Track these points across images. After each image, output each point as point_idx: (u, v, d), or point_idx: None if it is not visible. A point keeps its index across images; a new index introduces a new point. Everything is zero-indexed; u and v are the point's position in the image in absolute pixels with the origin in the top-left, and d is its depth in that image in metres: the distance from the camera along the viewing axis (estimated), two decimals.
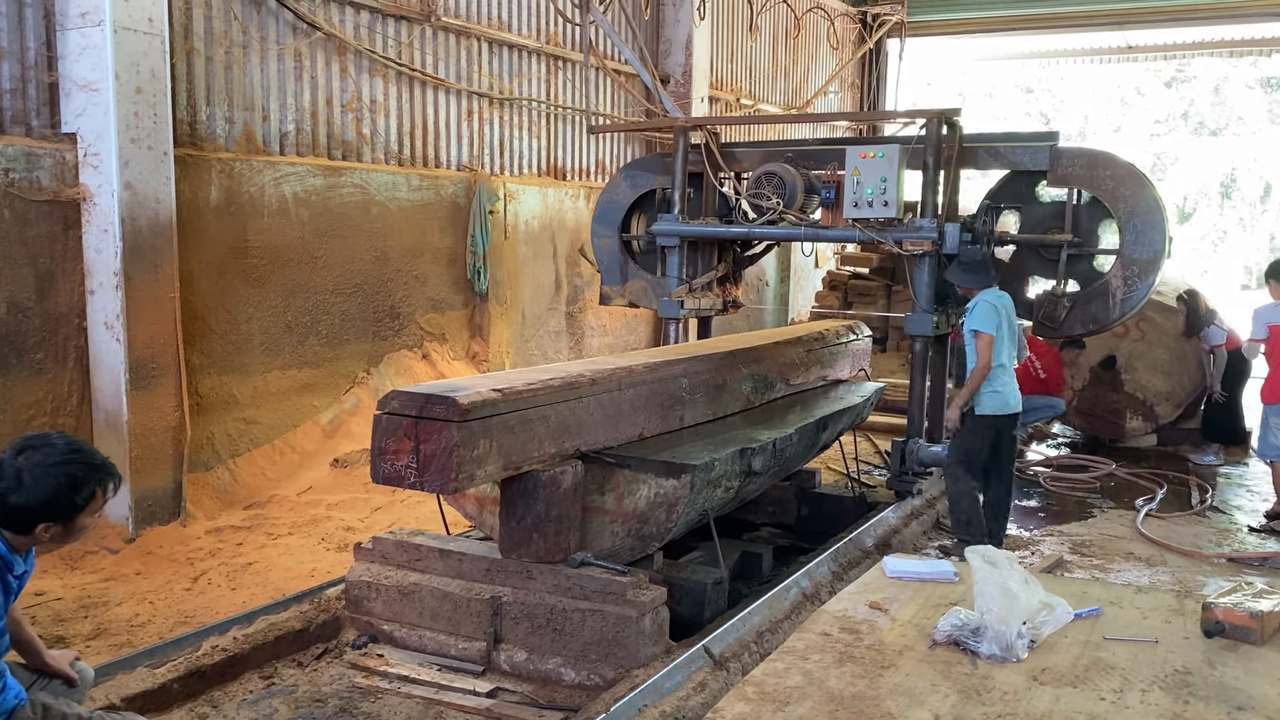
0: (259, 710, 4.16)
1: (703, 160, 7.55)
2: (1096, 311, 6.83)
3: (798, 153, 7.43)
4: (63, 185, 5.88)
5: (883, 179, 6.60)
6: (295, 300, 7.45)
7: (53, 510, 2.82)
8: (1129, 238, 6.63)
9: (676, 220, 7.58)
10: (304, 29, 7.44)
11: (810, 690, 2.54)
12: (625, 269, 8.18)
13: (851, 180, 6.70)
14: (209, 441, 6.86)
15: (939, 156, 6.72)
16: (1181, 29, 15.65)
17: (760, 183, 7.24)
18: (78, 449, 2.91)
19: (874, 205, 6.63)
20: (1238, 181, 30.16)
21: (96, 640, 4.75)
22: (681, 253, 7.64)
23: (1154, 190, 6.67)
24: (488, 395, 4.15)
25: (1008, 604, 2.77)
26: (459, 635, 4.51)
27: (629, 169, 8.29)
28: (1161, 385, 9.23)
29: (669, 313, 7.61)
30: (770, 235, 7.47)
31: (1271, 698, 2.55)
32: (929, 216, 6.68)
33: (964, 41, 17.02)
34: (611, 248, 8.20)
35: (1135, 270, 6.64)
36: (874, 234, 6.73)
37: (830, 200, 6.94)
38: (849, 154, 6.79)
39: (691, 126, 7.74)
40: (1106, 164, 6.70)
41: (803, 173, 7.20)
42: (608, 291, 8.26)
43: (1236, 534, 6.99)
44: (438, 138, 8.72)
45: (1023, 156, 6.88)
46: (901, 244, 6.67)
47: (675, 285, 7.62)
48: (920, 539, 6.61)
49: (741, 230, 7.44)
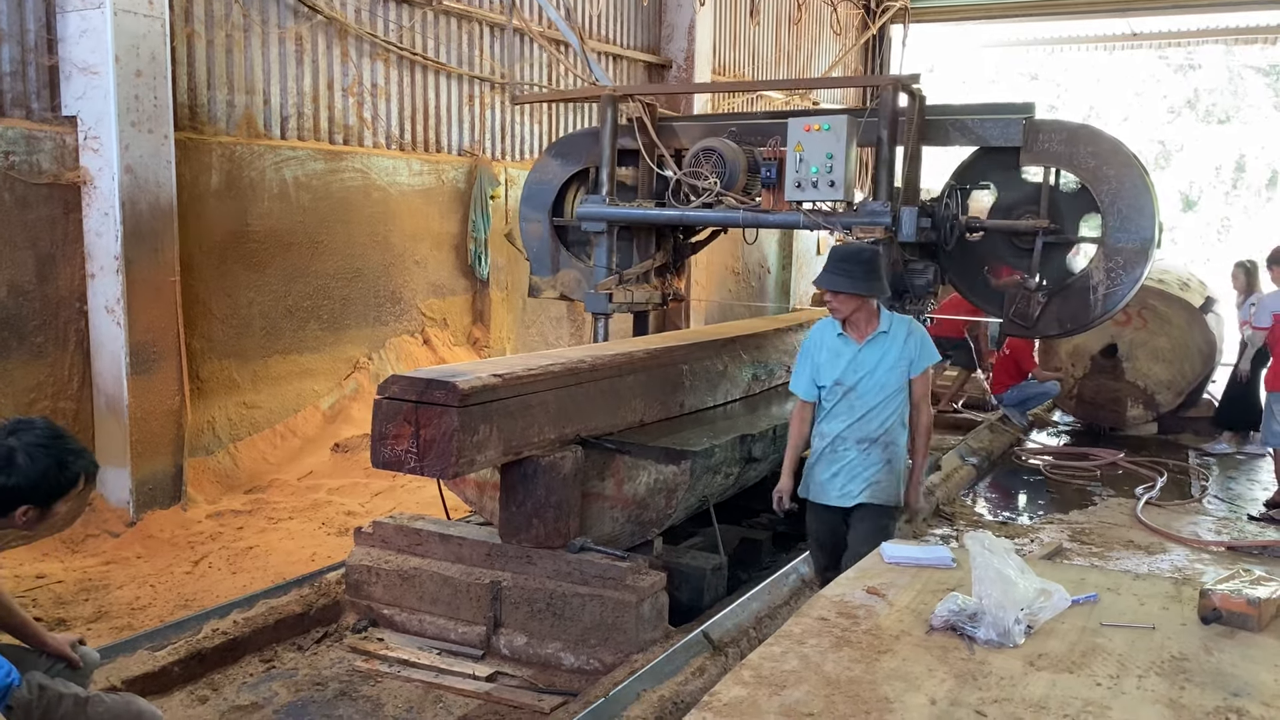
0: (259, 693, 4.18)
1: (635, 136, 6.69)
2: (1075, 309, 6.09)
3: (742, 127, 6.59)
4: (63, 168, 5.86)
5: (829, 155, 5.74)
6: (296, 285, 7.44)
7: (38, 493, 2.78)
8: (1113, 224, 5.89)
9: (603, 202, 6.64)
10: (305, 12, 7.41)
11: (807, 674, 2.54)
12: (557, 257, 7.26)
13: (794, 157, 5.84)
14: (210, 426, 6.87)
15: (894, 130, 5.87)
16: (1187, 16, 15.57)
17: (698, 160, 6.35)
18: (61, 434, 2.88)
19: (819, 186, 5.77)
20: (1245, 169, 30.04)
21: (97, 623, 4.77)
22: (611, 239, 6.72)
23: (1142, 170, 5.95)
24: (488, 381, 4.15)
25: (1005, 590, 2.77)
26: (459, 619, 4.52)
27: (559, 145, 7.38)
28: (1163, 374, 9.22)
29: (596, 307, 6.67)
30: (704, 219, 6.55)
31: (1268, 684, 2.56)
32: (883, 199, 5.85)
33: (968, 28, 16.94)
34: (541, 234, 7.28)
35: (1120, 262, 5.90)
36: (819, 219, 5.95)
37: (771, 180, 5.97)
38: (791, 126, 5.89)
39: (621, 97, 6.79)
40: (1088, 140, 5.94)
41: (746, 150, 6.35)
42: (537, 283, 7.33)
43: (1236, 522, 7.00)
44: (439, 122, 8.70)
45: (993, 131, 6.07)
46: (851, 230, 5.90)
47: (603, 276, 6.74)
48: (920, 526, 6.62)
49: (674, 214, 6.53)
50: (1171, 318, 9.21)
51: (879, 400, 4.27)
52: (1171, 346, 9.19)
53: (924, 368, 4.32)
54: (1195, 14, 15.37)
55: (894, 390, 4.29)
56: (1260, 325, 7.09)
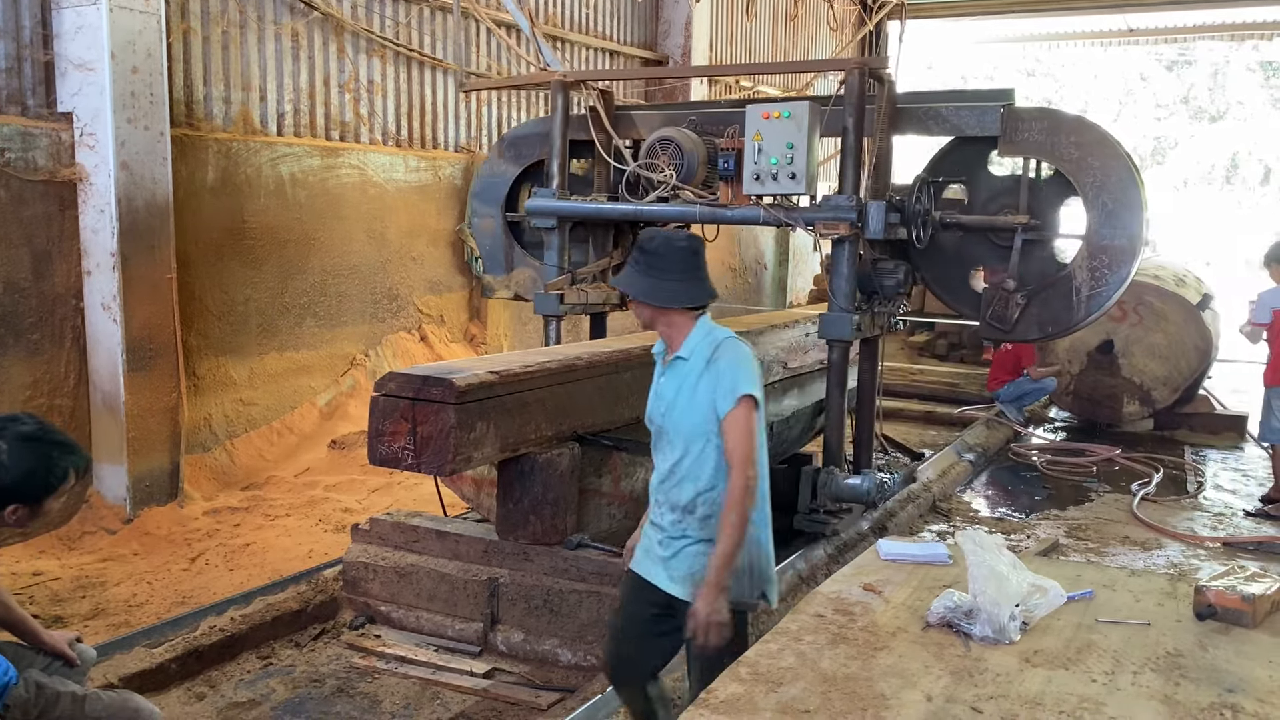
0: (256, 690, 4.18)
1: (589, 125, 6.25)
2: (1057, 311, 5.60)
3: (703, 116, 6.14)
4: (59, 165, 5.85)
5: (789, 145, 5.26)
6: (292, 281, 7.44)
7: (25, 490, 2.74)
8: (1098, 219, 5.41)
9: (553, 196, 6.19)
10: (301, 8, 7.40)
11: (803, 671, 2.55)
12: (511, 255, 6.79)
13: (752, 146, 5.35)
14: (206, 423, 6.87)
15: (860, 118, 5.39)
16: (1182, 12, 15.60)
17: (654, 151, 5.84)
18: (49, 429, 2.83)
19: (779, 178, 5.29)
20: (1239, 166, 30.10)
21: (94, 620, 4.77)
22: (563, 236, 6.27)
23: (1129, 161, 5.47)
24: (485, 377, 4.16)
25: (999, 586, 2.78)
26: (456, 616, 4.53)
27: (513, 135, 6.89)
28: (1159, 370, 9.25)
29: (545, 309, 6.16)
30: (658, 215, 5.96)
31: (1262, 680, 2.57)
32: (849, 193, 5.36)
33: (965, 23, 16.95)
34: (494, 230, 6.80)
35: (1105, 260, 5.42)
36: (781, 215, 5.46)
37: (730, 172, 5.52)
38: (749, 114, 5.41)
39: (573, 83, 6.32)
40: (1071, 129, 5.47)
41: (707, 140, 5.88)
42: (490, 282, 6.89)
43: (1232, 518, 7.01)
44: (435, 118, 8.69)
45: (969, 119, 5.64)
46: (814, 226, 5.41)
47: (554, 275, 6.29)
48: (917, 522, 6.64)
49: (626, 209, 6.02)
50: (1167, 314, 9.23)
51: (681, 452, 3.12)
52: (1167, 343, 9.21)
53: (728, 408, 3.02)
54: (1191, 10, 15.41)
55: (701, 439, 3.08)
56: (1259, 321, 7.11)
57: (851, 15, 15.63)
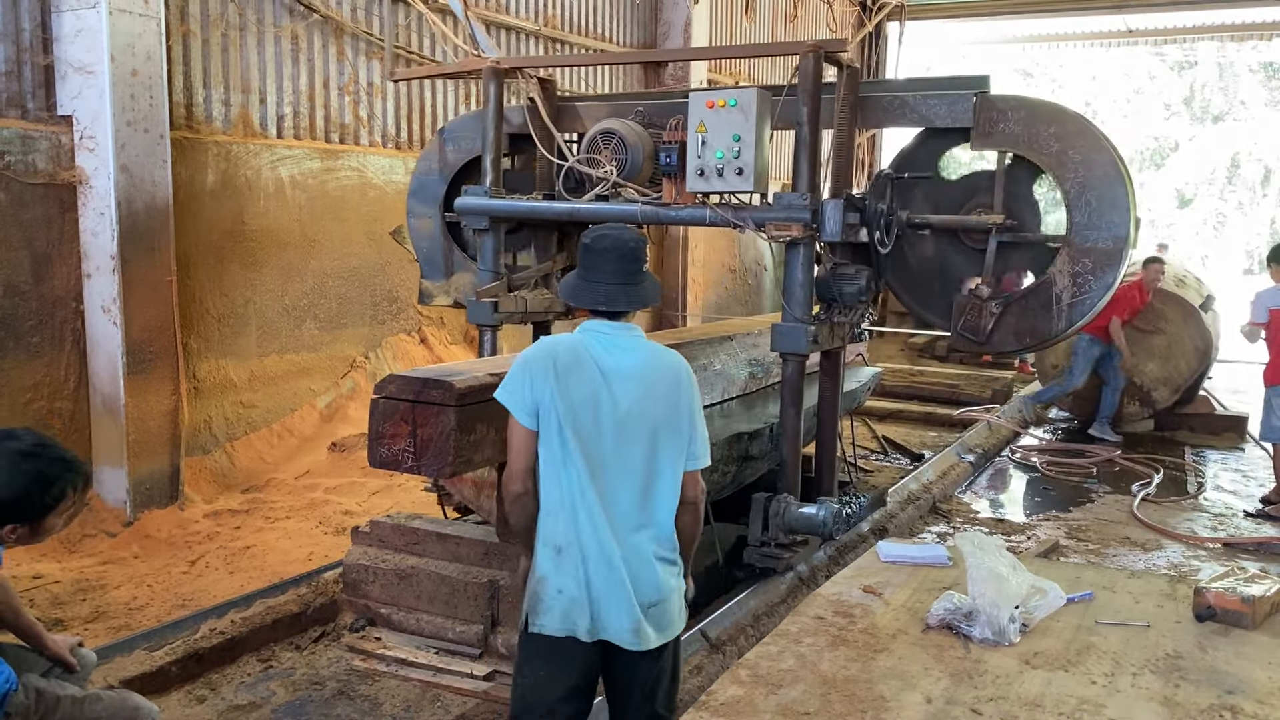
0: (257, 693, 4.18)
1: (527, 118, 5.79)
2: (1035, 320, 5.06)
3: (650, 107, 5.65)
4: (59, 168, 5.86)
5: (735, 137, 4.77)
6: (292, 284, 7.44)
7: (22, 510, 2.65)
8: (1080, 219, 4.88)
9: (485, 194, 5.68)
10: (300, 11, 7.40)
11: (803, 673, 2.55)
12: (450, 259, 6.28)
13: (695, 139, 4.85)
14: (206, 425, 6.87)
15: (816, 107, 4.80)
16: (1181, 12, 15.60)
17: (595, 145, 5.37)
18: (47, 445, 2.74)
19: (724, 174, 4.79)
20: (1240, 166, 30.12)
21: (95, 623, 4.77)
22: (498, 238, 5.76)
23: (1115, 154, 4.92)
24: (485, 380, 4.15)
25: (999, 587, 2.78)
26: (456, 618, 4.52)
27: (450, 130, 6.33)
28: (1158, 371, 9.25)
29: (478, 317, 5.67)
30: (597, 214, 5.29)
31: (1262, 681, 2.57)
32: (803, 191, 4.77)
33: (964, 24, 16.97)
34: (432, 231, 6.29)
35: (1088, 264, 4.87)
36: (729, 215, 4.89)
37: (672, 167, 4.96)
38: (692, 103, 4.90)
39: (508, 71, 5.80)
40: (1050, 119, 4.94)
41: (654, 133, 5.42)
42: (428, 287, 6.36)
43: (1232, 519, 7.01)
44: (435, 120, 8.69)
45: (938, 109, 5.11)
46: (765, 228, 4.83)
47: (488, 280, 5.77)
48: (917, 524, 6.64)
49: (562, 208, 5.46)
50: (1167, 314, 9.24)
51: None
52: (1167, 344, 9.22)
53: None
54: (1191, 10, 15.41)
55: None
56: (1257, 320, 7.11)
57: (851, 17, 15.64)
